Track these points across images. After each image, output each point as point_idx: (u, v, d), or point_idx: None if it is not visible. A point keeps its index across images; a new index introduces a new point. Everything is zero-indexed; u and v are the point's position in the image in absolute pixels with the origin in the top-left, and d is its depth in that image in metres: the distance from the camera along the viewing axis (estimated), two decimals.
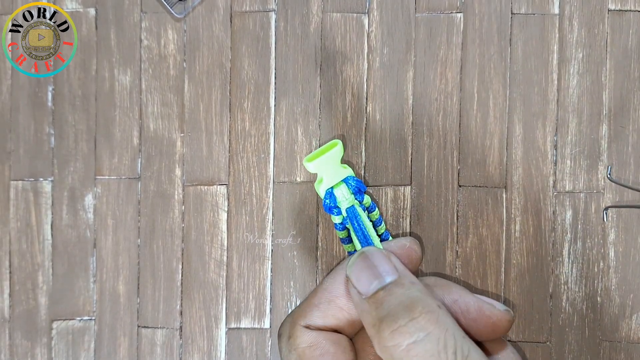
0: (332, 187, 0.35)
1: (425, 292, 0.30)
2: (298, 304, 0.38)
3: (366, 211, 0.36)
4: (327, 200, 0.35)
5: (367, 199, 0.36)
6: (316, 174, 0.36)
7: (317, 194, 0.37)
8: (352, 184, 0.35)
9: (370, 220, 0.36)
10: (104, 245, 0.38)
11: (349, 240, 0.37)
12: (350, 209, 0.35)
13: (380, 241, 0.34)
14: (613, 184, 0.36)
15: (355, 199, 0.35)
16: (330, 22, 0.37)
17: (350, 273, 0.31)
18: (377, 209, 0.37)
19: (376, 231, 0.36)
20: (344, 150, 0.37)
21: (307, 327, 0.31)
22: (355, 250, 0.37)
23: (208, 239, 0.38)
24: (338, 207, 0.35)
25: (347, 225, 0.36)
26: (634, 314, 0.36)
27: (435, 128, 0.37)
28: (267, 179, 0.38)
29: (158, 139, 0.38)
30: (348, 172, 0.36)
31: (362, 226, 0.34)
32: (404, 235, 0.37)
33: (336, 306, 0.31)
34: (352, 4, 0.37)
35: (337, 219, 0.36)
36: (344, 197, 0.35)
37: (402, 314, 0.28)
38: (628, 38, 0.36)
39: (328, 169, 0.35)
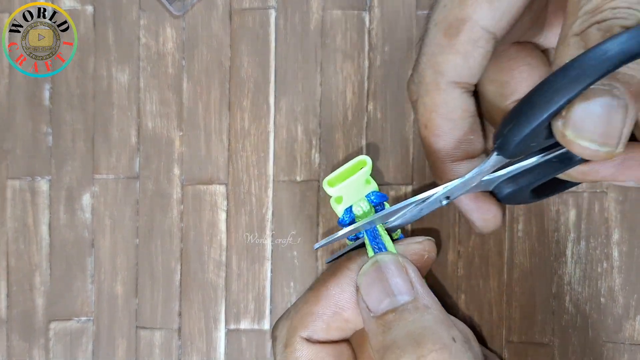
0: (351, 205, 0.33)
1: (439, 319, 0.27)
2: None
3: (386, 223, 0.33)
4: (346, 217, 0.32)
5: (387, 208, 0.33)
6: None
7: (333, 210, 0.34)
8: (374, 199, 0.33)
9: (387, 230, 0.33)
10: (101, 245, 0.38)
11: (354, 237, 0.34)
12: (369, 226, 0.32)
13: (394, 241, 0.32)
14: (616, 183, 0.36)
15: (376, 210, 0.33)
16: (330, 19, 0.37)
17: (360, 284, 0.29)
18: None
19: (391, 237, 0.33)
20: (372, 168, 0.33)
21: (308, 339, 0.29)
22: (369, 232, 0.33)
23: (207, 239, 0.38)
24: (355, 221, 0.32)
25: (359, 236, 0.33)
26: (637, 315, 0.36)
27: None
28: (266, 178, 0.38)
29: (156, 137, 0.38)
30: (371, 187, 0.33)
31: (378, 240, 0.31)
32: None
33: (342, 319, 0.29)
34: (353, 0, 0.37)
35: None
36: (363, 212, 0.32)
37: (409, 349, 0.26)
38: None
39: (351, 190, 0.32)
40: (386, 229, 0.32)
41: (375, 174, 0.37)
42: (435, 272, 0.37)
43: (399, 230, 0.34)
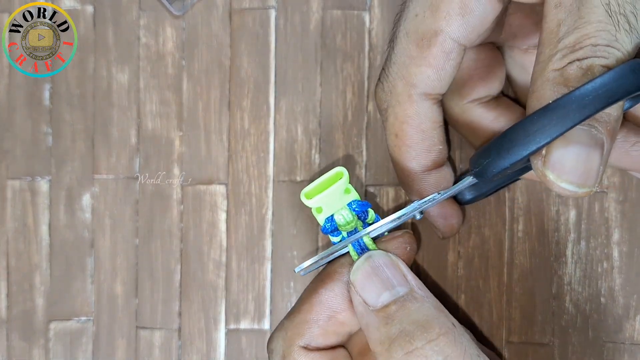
0: (332, 213, 0.32)
1: (438, 307, 0.28)
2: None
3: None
4: (327, 225, 0.32)
5: (371, 214, 0.33)
6: None
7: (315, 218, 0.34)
8: (356, 207, 0.32)
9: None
10: (101, 245, 0.38)
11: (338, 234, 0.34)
12: (352, 233, 0.32)
13: (375, 238, 0.32)
14: (617, 183, 0.36)
15: (359, 218, 0.32)
16: (330, 19, 0.37)
17: (354, 280, 0.29)
18: (380, 219, 0.33)
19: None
20: (350, 179, 0.32)
21: (305, 347, 0.29)
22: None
23: (207, 239, 0.38)
24: (338, 230, 0.32)
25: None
26: (637, 315, 0.36)
27: None
28: (266, 179, 0.38)
29: (156, 138, 0.38)
30: (352, 196, 0.32)
31: (361, 242, 0.31)
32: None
33: (337, 322, 0.30)
34: (353, 0, 0.37)
35: (335, 238, 0.33)
36: (346, 220, 0.32)
37: (420, 335, 0.27)
38: None
39: (329, 201, 0.32)
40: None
41: (376, 173, 0.37)
42: (435, 273, 0.37)
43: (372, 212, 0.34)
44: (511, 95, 0.36)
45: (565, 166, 0.25)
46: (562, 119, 0.24)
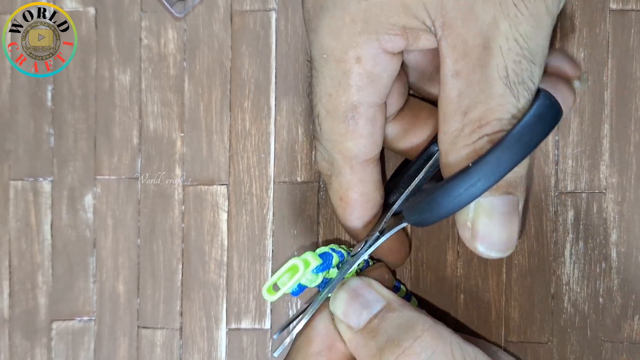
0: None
1: (417, 311, 0.29)
2: (298, 303, 0.38)
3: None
4: (296, 289, 0.32)
5: (335, 258, 0.32)
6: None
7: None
8: (318, 270, 0.32)
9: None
10: (103, 245, 0.38)
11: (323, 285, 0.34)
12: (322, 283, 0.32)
13: None
14: (615, 184, 0.36)
15: (324, 270, 0.32)
16: None
17: (335, 309, 0.30)
18: (343, 255, 0.34)
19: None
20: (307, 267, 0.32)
21: None
22: (324, 281, 0.34)
23: (208, 239, 0.38)
24: (306, 286, 0.32)
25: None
26: (636, 315, 0.36)
27: None
28: (267, 179, 0.38)
29: (158, 138, 0.38)
30: (313, 264, 0.32)
31: (333, 285, 0.31)
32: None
33: (338, 350, 0.30)
34: None
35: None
36: (311, 282, 0.32)
37: (405, 336, 0.28)
38: (630, 37, 0.36)
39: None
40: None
41: None
42: (434, 272, 0.37)
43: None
44: None
45: (492, 238, 0.28)
46: (480, 182, 0.26)
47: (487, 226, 0.28)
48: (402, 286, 0.36)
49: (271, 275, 0.34)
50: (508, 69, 0.26)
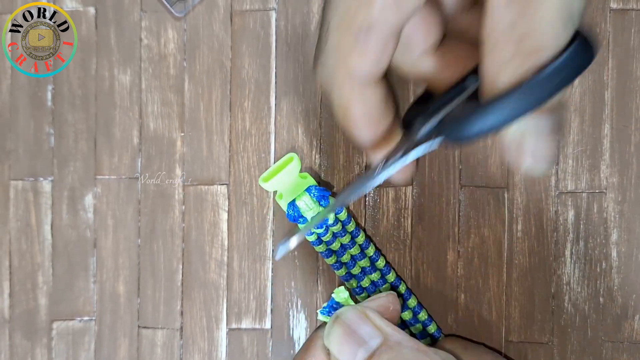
0: (294, 199, 0.35)
1: (416, 349, 0.28)
2: (299, 303, 0.38)
3: (340, 223, 0.35)
4: (291, 211, 0.35)
5: (331, 202, 0.35)
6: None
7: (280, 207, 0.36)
8: (315, 192, 0.35)
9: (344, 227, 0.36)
10: (104, 245, 0.38)
11: (339, 265, 0.36)
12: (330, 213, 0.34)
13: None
14: (615, 184, 0.36)
15: (320, 205, 0.35)
16: None
17: (329, 345, 0.29)
18: (352, 220, 0.36)
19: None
20: (301, 164, 0.36)
21: None
22: (347, 274, 0.36)
23: (208, 239, 0.38)
24: (303, 216, 0.35)
25: (322, 238, 0.35)
26: (636, 315, 0.36)
27: None
28: None
29: (158, 138, 0.38)
30: (308, 181, 0.35)
31: (334, 305, 0.32)
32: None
33: None
34: None
35: (311, 238, 0.35)
36: (308, 207, 0.35)
37: None
38: (630, 37, 0.36)
39: (286, 185, 0.35)
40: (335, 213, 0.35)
41: None
42: (434, 272, 0.37)
43: (344, 211, 0.36)
44: None
45: (540, 152, 0.27)
46: (531, 96, 0.26)
47: (534, 143, 0.27)
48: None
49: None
50: (561, 2, 0.26)
